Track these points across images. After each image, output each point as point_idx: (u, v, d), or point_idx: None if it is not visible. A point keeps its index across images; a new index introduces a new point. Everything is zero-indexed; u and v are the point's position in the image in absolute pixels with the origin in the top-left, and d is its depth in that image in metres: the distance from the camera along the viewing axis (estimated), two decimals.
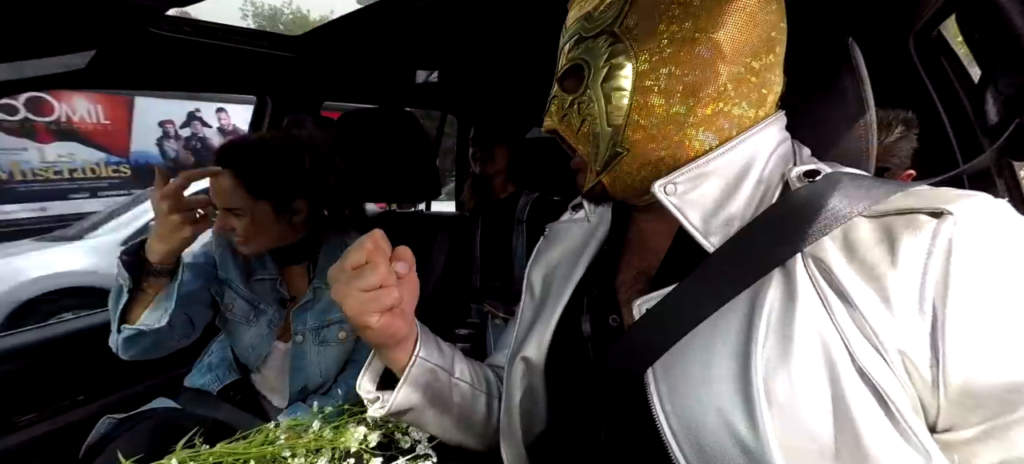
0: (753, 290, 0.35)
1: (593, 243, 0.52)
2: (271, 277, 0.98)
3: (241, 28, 0.99)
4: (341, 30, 0.98)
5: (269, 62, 1.05)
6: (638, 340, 0.39)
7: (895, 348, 0.30)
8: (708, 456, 0.34)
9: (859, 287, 0.31)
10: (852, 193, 0.34)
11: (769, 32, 0.39)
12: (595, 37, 0.41)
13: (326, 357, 0.95)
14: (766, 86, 0.40)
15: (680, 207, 0.39)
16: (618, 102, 0.40)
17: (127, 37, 0.78)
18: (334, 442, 0.68)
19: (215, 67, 1.03)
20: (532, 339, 0.50)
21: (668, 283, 0.39)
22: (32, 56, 0.68)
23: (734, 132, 0.40)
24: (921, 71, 0.79)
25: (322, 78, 1.26)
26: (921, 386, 0.30)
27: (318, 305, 0.96)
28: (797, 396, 0.31)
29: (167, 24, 0.82)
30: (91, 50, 0.73)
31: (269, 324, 0.96)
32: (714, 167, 0.39)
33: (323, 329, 0.95)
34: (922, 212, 0.31)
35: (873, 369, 0.30)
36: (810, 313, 0.32)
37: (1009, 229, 0.30)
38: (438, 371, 0.51)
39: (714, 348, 0.35)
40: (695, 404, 0.34)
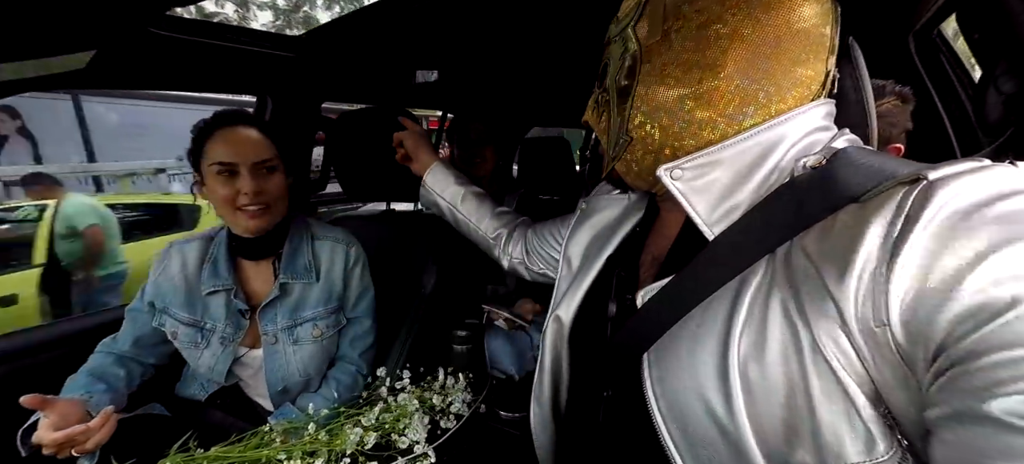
0: (742, 277, 0.36)
1: (628, 222, 0.55)
2: (224, 288, 0.89)
3: (241, 28, 0.99)
4: (341, 30, 0.98)
5: (269, 62, 1.05)
6: (640, 325, 0.41)
7: (854, 319, 0.29)
8: (692, 437, 0.36)
9: (827, 267, 0.31)
10: (845, 181, 0.32)
11: (794, 24, 0.37)
12: (617, 38, 0.45)
13: (302, 356, 0.91)
14: (790, 77, 0.38)
15: (686, 193, 0.40)
16: (626, 94, 0.43)
17: (127, 37, 0.78)
18: (330, 444, 0.68)
19: (215, 67, 1.03)
20: (564, 303, 0.54)
21: (674, 270, 0.40)
22: (32, 56, 0.68)
23: (749, 122, 0.39)
24: (921, 71, 0.79)
25: (322, 78, 1.26)
26: (886, 356, 0.29)
27: (287, 302, 0.91)
28: (768, 381, 0.32)
29: (167, 24, 0.82)
30: (91, 50, 0.73)
31: (223, 341, 0.88)
32: (724, 156, 0.39)
33: (295, 327, 0.91)
34: (903, 181, 0.29)
35: (834, 355, 0.30)
36: (783, 300, 0.33)
37: (996, 188, 0.27)
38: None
39: (701, 334, 0.36)
40: (681, 388, 0.36)
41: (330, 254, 0.96)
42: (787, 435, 0.31)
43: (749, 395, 0.32)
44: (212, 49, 0.92)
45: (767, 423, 0.32)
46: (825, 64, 0.39)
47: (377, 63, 1.19)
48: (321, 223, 1.03)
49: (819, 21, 0.38)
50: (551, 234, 0.75)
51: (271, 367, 0.91)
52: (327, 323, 0.94)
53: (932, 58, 0.79)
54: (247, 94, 1.23)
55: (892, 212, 0.29)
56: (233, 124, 0.85)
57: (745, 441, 0.32)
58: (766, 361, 0.32)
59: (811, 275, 0.31)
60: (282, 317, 0.91)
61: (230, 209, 0.83)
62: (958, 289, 0.25)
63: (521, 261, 0.81)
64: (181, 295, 0.90)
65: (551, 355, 0.55)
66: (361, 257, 1.01)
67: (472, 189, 0.88)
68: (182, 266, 0.91)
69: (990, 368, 0.23)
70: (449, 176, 0.88)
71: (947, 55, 0.78)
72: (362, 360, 0.99)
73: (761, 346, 0.32)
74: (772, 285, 0.34)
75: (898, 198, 0.29)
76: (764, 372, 0.32)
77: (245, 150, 0.82)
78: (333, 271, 0.95)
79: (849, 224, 0.31)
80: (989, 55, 0.54)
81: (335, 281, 0.95)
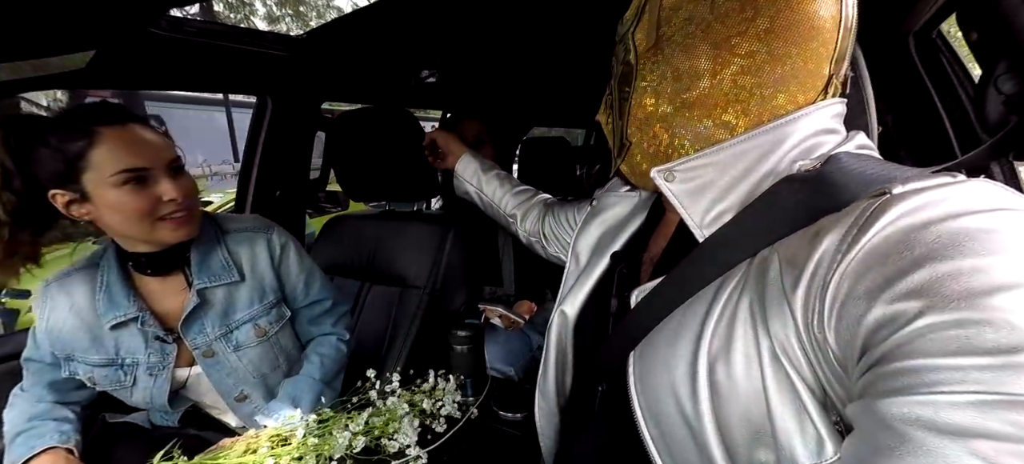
0: (720, 280, 0.36)
1: (636, 221, 0.56)
2: (128, 317, 0.77)
3: (241, 28, 0.99)
4: (341, 30, 0.98)
5: (269, 62, 1.05)
6: (630, 324, 0.42)
7: (805, 325, 0.30)
8: (665, 432, 0.37)
9: (788, 271, 0.31)
10: (828, 191, 0.32)
11: (793, 25, 0.37)
12: (620, 42, 0.47)
13: (251, 358, 0.84)
14: (785, 81, 0.37)
15: (678, 196, 0.41)
16: (625, 98, 0.45)
17: (127, 37, 0.78)
18: (319, 448, 0.67)
19: (215, 67, 1.03)
20: (570, 298, 0.55)
21: (667, 270, 0.41)
22: (32, 56, 0.68)
23: (743, 125, 0.39)
24: (921, 71, 0.79)
25: (322, 78, 1.26)
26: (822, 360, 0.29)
27: (212, 309, 0.81)
28: (733, 382, 0.33)
29: (167, 24, 0.82)
30: (91, 50, 0.73)
31: (151, 371, 0.79)
32: (717, 159, 0.39)
33: (232, 333, 0.82)
34: (870, 195, 0.29)
35: (786, 357, 0.31)
36: (750, 304, 0.33)
37: (955, 205, 0.26)
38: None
39: (679, 334, 0.37)
40: (657, 385, 0.38)
41: (250, 247, 0.86)
42: (750, 435, 0.32)
43: (716, 395, 0.33)
44: (212, 49, 0.92)
45: (732, 422, 0.33)
46: (827, 67, 0.38)
47: (377, 63, 1.19)
48: (226, 216, 0.91)
49: (822, 24, 0.37)
50: (567, 220, 0.77)
51: (218, 380, 0.83)
52: (268, 319, 0.86)
53: (932, 59, 0.78)
54: (247, 94, 1.24)
55: (849, 223, 0.29)
56: (123, 122, 0.69)
57: (707, 438, 0.34)
58: (731, 362, 0.33)
59: (775, 281, 0.32)
60: (212, 326, 0.81)
61: (147, 222, 0.71)
62: (879, 298, 0.26)
63: (538, 239, 0.85)
64: (82, 336, 0.77)
65: (556, 348, 0.56)
66: (288, 242, 0.91)
67: (495, 172, 0.95)
68: (70, 306, 0.78)
69: (892, 375, 0.24)
70: (474, 162, 0.96)
71: (947, 55, 0.77)
72: (338, 327, 0.96)
73: (728, 348, 0.33)
74: (743, 289, 0.34)
75: (859, 210, 0.29)
76: (730, 373, 0.33)
77: (155, 151, 0.70)
78: (258, 265, 0.86)
79: (813, 233, 0.31)
80: (989, 55, 0.54)
81: (264, 275, 0.86)
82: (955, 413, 0.22)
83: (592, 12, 0.89)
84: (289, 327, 0.91)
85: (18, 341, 1.00)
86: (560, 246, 0.79)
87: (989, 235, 0.24)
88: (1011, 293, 0.22)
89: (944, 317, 0.23)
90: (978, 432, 0.21)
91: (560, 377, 0.57)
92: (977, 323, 0.22)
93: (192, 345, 0.80)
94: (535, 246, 0.87)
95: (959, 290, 0.23)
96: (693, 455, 0.35)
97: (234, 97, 6.53)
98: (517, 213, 0.89)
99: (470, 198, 0.98)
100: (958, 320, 0.23)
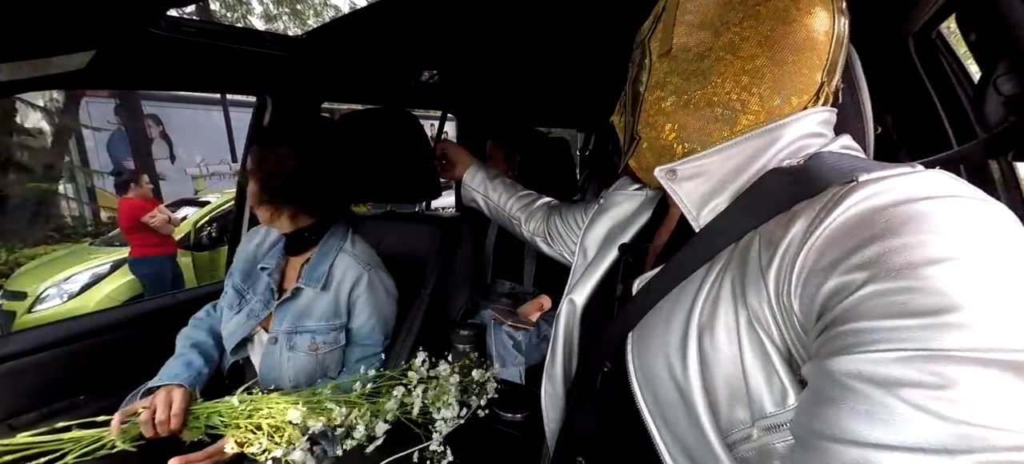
0: (711, 262, 0.40)
1: (643, 216, 0.60)
2: (269, 267, 0.99)
3: (241, 28, 0.99)
4: (341, 30, 0.98)
5: (269, 62, 1.04)
6: (631, 309, 0.46)
7: (774, 295, 0.34)
8: (659, 398, 0.41)
9: (764, 248, 0.35)
10: (805, 180, 0.35)
11: (790, 35, 0.40)
12: (637, 48, 0.51)
13: (295, 363, 0.92)
14: (782, 86, 0.41)
15: (679, 192, 0.45)
16: (637, 98, 0.49)
17: (127, 37, 0.78)
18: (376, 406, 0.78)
19: (215, 67, 1.03)
20: (578, 287, 0.59)
21: (667, 259, 0.45)
22: (32, 56, 0.68)
23: (742, 126, 0.42)
24: (921, 71, 0.79)
25: (322, 78, 1.26)
26: (792, 326, 0.33)
27: (294, 306, 0.94)
28: (717, 350, 0.37)
29: (167, 24, 0.82)
30: (91, 50, 0.73)
31: (249, 314, 0.95)
32: (715, 159, 0.43)
33: (295, 335, 0.92)
34: (840, 182, 0.32)
35: (759, 324, 0.35)
36: (732, 280, 0.37)
37: (909, 192, 0.29)
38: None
39: (673, 312, 0.41)
40: (654, 358, 0.41)
41: (343, 269, 0.96)
42: (730, 394, 0.36)
43: (703, 363, 0.38)
44: (212, 49, 0.92)
45: (717, 384, 0.37)
46: (819, 75, 0.41)
47: (377, 63, 1.19)
48: (361, 240, 1.05)
49: (816, 36, 0.41)
50: (574, 220, 0.81)
51: (265, 365, 0.93)
52: (325, 339, 0.93)
53: (932, 59, 0.79)
54: (247, 94, 1.23)
55: (819, 207, 0.32)
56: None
57: (695, 400, 0.38)
58: (715, 333, 0.37)
59: (755, 259, 0.36)
60: (288, 320, 0.93)
61: None
62: (835, 270, 0.29)
63: (542, 237, 0.89)
64: (247, 263, 1.02)
65: (564, 335, 0.59)
66: (374, 283, 0.99)
67: (500, 179, 1.01)
68: (260, 241, 1.05)
69: (839, 336, 0.28)
70: (481, 172, 1.03)
71: (946, 56, 0.78)
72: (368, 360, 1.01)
73: (713, 321, 0.38)
74: (727, 268, 0.39)
75: (829, 196, 0.32)
76: (714, 343, 0.37)
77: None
78: (342, 286, 0.95)
79: (788, 217, 0.35)
80: (988, 55, 0.55)
81: (341, 297, 0.95)
82: (891, 367, 0.25)
83: (591, 13, 0.90)
84: (339, 352, 0.97)
85: (16, 341, 1.00)
86: (565, 245, 0.83)
87: (932, 216, 0.27)
88: (943, 265, 0.26)
89: (886, 285, 0.27)
90: (908, 382, 0.25)
91: (567, 363, 0.60)
92: (912, 290, 0.26)
93: (273, 326, 0.94)
94: (538, 244, 0.91)
95: (900, 262, 0.27)
96: (682, 416, 0.39)
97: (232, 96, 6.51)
98: (521, 215, 0.94)
99: (477, 205, 1.03)
100: (898, 288, 0.26)
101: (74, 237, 5.99)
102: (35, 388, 1.00)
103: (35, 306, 3.30)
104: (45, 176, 5.61)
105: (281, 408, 0.76)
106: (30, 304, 3.29)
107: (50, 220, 6.10)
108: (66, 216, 6.52)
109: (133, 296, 3.48)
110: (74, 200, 6.69)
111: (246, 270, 1.02)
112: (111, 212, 6.24)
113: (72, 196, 6.67)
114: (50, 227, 6.05)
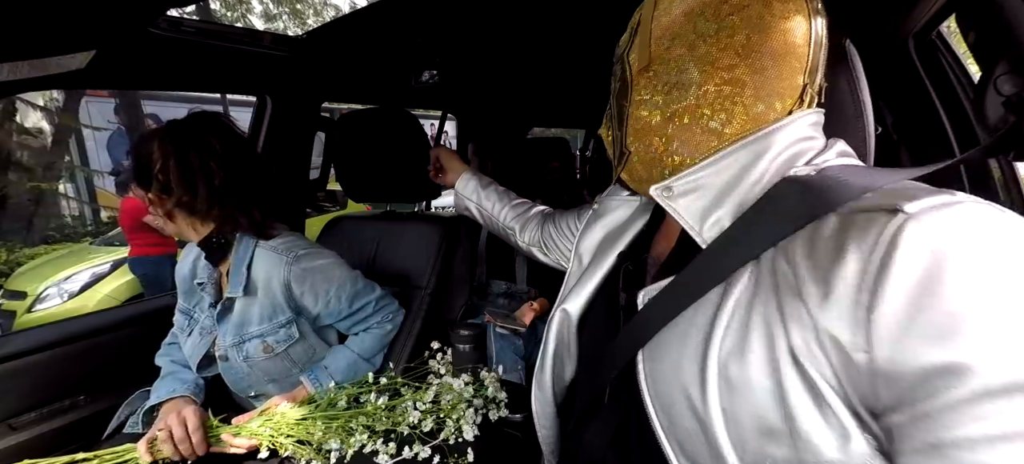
0: (727, 281, 0.38)
1: (638, 222, 0.59)
2: (205, 281, 0.92)
3: (241, 28, 0.99)
4: (341, 30, 0.98)
5: (269, 62, 1.04)
6: (640, 323, 0.44)
7: (828, 335, 0.31)
8: (674, 424, 0.40)
9: (808, 280, 0.33)
10: (824, 194, 0.35)
11: (767, 41, 0.40)
12: (617, 62, 0.51)
13: (259, 369, 0.89)
14: (765, 91, 0.41)
15: (677, 209, 0.44)
16: (623, 113, 0.49)
17: (127, 37, 0.78)
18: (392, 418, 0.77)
19: (215, 67, 1.03)
20: (572, 296, 0.58)
21: (671, 272, 0.44)
22: (32, 56, 0.68)
23: (729, 133, 0.42)
24: (921, 71, 0.79)
25: (322, 78, 1.26)
26: (856, 374, 0.31)
27: (233, 317, 0.88)
28: (748, 381, 0.34)
29: (167, 24, 0.82)
30: (91, 50, 0.73)
31: (202, 332, 0.91)
32: (708, 172, 0.43)
33: (243, 344, 0.87)
34: (882, 209, 0.31)
35: (808, 359, 0.32)
36: (765, 306, 0.35)
37: (965, 233, 0.29)
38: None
39: (688, 334, 0.39)
40: (668, 380, 0.40)
41: (267, 267, 0.87)
42: (761, 430, 0.34)
43: (728, 392, 0.35)
44: (212, 49, 0.92)
45: (741, 417, 0.35)
46: (800, 78, 0.41)
47: (377, 63, 1.19)
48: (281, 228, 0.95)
49: (795, 39, 0.40)
50: (568, 227, 0.80)
51: (232, 380, 0.91)
52: (276, 339, 0.88)
53: (932, 59, 0.79)
54: (247, 94, 1.23)
55: (871, 243, 0.31)
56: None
57: (715, 430, 0.36)
58: (746, 362, 0.35)
59: (792, 284, 0.34)
60: (230, 333, 0.87)
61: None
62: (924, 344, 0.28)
63: (538, 247, 0.88)
64: (186, 283, 0.97)
65: (555, 344, 0.59)
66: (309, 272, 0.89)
67: (494, 187, 0.99)
68: (195, 258, 0.97)
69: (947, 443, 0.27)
70: (474, 179, 1.00)
71: (947, 56, 0.78)
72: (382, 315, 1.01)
73: (742, 348, 0.35)
74: (756, 291, 0.36)
75: (877, 229, 0.31)
76: (743, 372, 0.35)
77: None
78: (272, 285, 0.87)
79: (831, 242, 0.33)
80: (988, 55, 0.55)
81: (276, 296, 0.87)
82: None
83: (591, 13, 0.89)
84: (302, 344, 0.92)
85: (16, 342, 1.00)
86: (561, 253, 0.82)
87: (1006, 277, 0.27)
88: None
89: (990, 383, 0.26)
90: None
91: (558, 371, 0.59)
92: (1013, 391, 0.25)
93: (218, 344, 0.90)
94: (535, 254, 0.90)
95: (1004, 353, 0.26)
96: (702, 446, 0.37)
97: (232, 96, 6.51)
98: (516, 225, 0.93)
99: (470, 213, 1.01)
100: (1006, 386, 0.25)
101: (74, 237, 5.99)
102: (35, 388, 1.00)
103: (35, 306, 3.29)
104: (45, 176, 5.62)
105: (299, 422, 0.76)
106: (30, 304, 3.29)
107: (50, 220, 6.09)
108: (66, 216, 6.52)
109: (133, 296, 3.48)
110: (74, 200, 6.69)
111: (186, 289, 0.97)
112: (111, 212, 6.24)
113: (72, 196, 6.67)
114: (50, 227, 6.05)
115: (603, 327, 0.54)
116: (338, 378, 0.90)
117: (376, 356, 0.99)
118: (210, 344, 0.91)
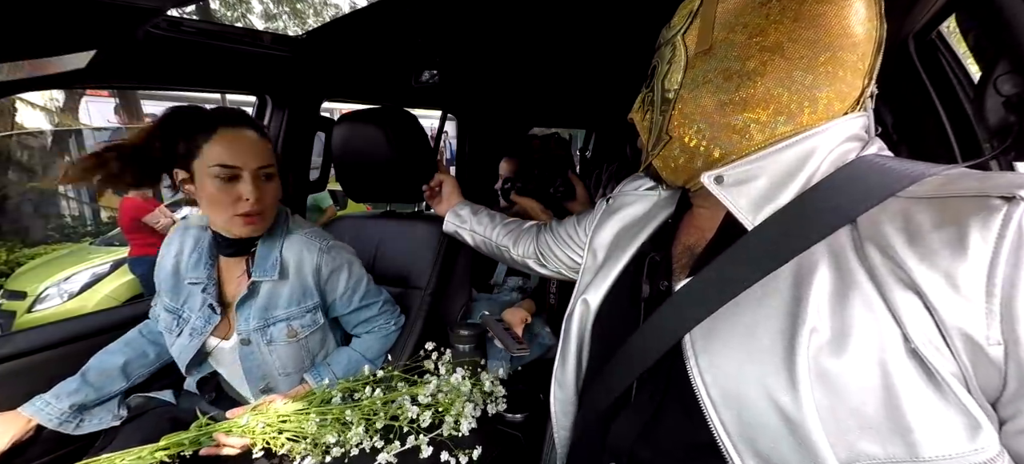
0: (798, 273, 0.37)
1: (660, 215, 0.58)
2: (200, 281, 0.91)
3: (240, 28, 0.99)
4: (341, 30, 0.98)
5: (268, 62, 1.04)
6: (677, 309, 0.43)
7: (958, 330, 0.31)
8: (748, 424, 0.37)
9: (923, 271, 0.32)
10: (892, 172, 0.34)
11: (835, 41, 0.39)
12: (667, 43, 0.49)
13: (280, 355, 0.90)
14: (826, 91, 0.40)
15: (728, 197, 0.43)
16: (669, 97, 0.47)
17: (127, 37, 0.78)
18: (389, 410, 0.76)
19: (215, 67, 1.03)
20: (591, 288, 0.57)
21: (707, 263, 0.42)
22: (32, 56, 0.68)
23: (782, 130, 0.41)
24: (921, 71, 0.79)
25: (322, 78, 1.26)
26: (986, 367, 0.30)
27: (258, 301, 0.89)
28: (848, 378, 0.33)
29: (167, 24, 0.82)
30: (91, 50, 0.73)
31: (192, 334, 0.89)
32: (763, 163, 0.42)
33: (268, 328, 0.89)
34: (993, 196, 0.31)
35: (929, 351, 0.31)
36: (866, 300, 0.34)
37: None
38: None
39: (758, 325, 0.38)
40: (737, 376, 0.38)
41: (299, 252, 0.91)
42: (858, 425, 0.33)
43: (825, 387, 0.34)
44: (212, 49, 0.92)
45: (839, 413, 0.33)
46: (862, 80, 0.40)
47: (377, 63, 1.18)
48: (302, 220, 1.00)
49: (860, 41, 0.39)
50: (569, 235, 0.79)
51: (248, 367, 0.91)
52: (302, 323, 0.91)
53: (932, 59, 0.79)
54: (247, 94, 1.23)
55: (996, 233, 0.30)
56: (237, 125, 0.82)
57: (808, 427, 0.34)
58: (848, 355, 0.33)
59: (900, 277, 0.33)
60: (255, 317, 0.89)
61: (226, 213, 0.82)
62: None
63: (534, 258, 0.88)
64: (170, 281, 0.93)
65: (576, 339, 0.57)
66: (338, 262, 0.95)
67: (486, 211, 1.02)
68: (178, 252, 0.94)
69: None
70: (467, 206, 1.03)
71: (947, 56, 0.78)
72: (384, 317, 1.03)
73: (840, 344, 0.34)
74: (846, 285, 0.35)
75: (999, 217, 0.30)
76: (844, 366, 0.33)
77: (249, 155, 0.80)
78: (303, 269, 0.91)
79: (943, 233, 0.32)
80: (988, 56, 0.55)
81: (307, 279, 0.91)
82: None
83: (591, 12, 0.89)
84: (321, 333, 0.95)
85: (16, 342, 1.00)
86: (560, 261, 0.82)
87: None
88: None
89: None
90: None
91: (580, 365, 0.58)
92: None
93: (237, 329, 0.89)
94: (530, 266, 0.90)
95: None
96: (788, 446, 0.35)
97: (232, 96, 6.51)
98: (508, 241, 0.94)
99: (460, 237, 1.03)
100: None
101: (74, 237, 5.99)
102: (35, 388, 1.00)
103: (35, 306, 3.29)
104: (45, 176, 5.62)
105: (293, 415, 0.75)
106: (30, 304, 3.29)
107: (50, 220, 6.10)
108: (66, 216, 6.52)
109: (133, 296, 3.48)
110: (74, 200, 6.69)
111: (172, 287, 0.93)
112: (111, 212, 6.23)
113: (72, 196, 6.67)
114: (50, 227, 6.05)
115: (623, 319, 0.53)
116: (340, 376, 0.90)
117: (379, 359, 1.00)
118: (200, 345, 0.90)
